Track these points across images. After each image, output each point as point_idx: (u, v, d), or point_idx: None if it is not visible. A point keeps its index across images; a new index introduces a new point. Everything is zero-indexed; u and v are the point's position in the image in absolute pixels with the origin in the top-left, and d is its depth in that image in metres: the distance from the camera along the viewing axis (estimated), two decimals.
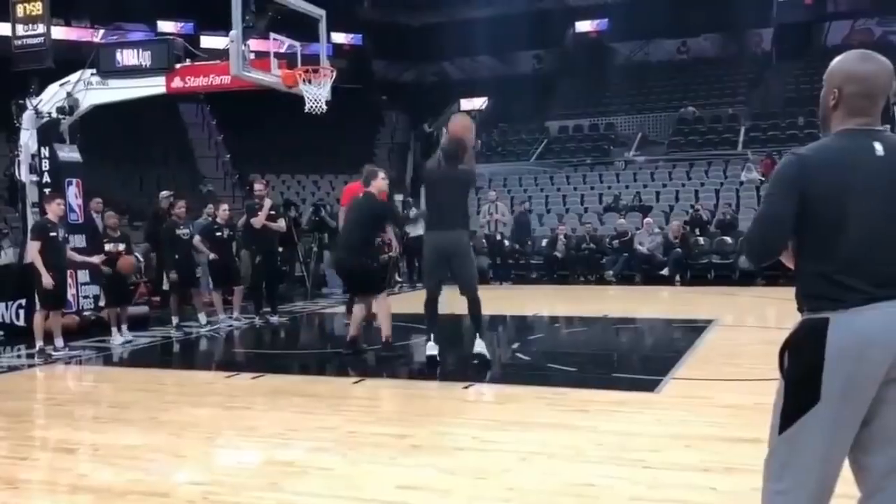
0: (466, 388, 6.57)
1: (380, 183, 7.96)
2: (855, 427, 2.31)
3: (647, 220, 16.59)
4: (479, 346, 7.25)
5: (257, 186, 11.55)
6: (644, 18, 28.68)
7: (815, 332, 2.29)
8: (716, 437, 4.88)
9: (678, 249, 15.23)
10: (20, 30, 10.99)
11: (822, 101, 2.49)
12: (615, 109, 27.35)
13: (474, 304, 7.25)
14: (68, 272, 10.20)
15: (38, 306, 8.76)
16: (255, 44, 10.13)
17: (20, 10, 10.99)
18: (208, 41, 24.75)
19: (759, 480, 2.51)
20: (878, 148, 2.35)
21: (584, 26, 31.63)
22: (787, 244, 2.43)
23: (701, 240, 15.80)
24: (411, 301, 9.67)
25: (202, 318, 10.16)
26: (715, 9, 27.86)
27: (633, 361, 8.37)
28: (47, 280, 8.33)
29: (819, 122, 2.57)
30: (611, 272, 15.66)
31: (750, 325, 10.47)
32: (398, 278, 16.10)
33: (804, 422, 2.30)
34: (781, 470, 2.36)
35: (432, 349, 7.27)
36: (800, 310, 2.41)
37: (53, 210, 8.67)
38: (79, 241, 10.44)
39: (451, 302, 8.14)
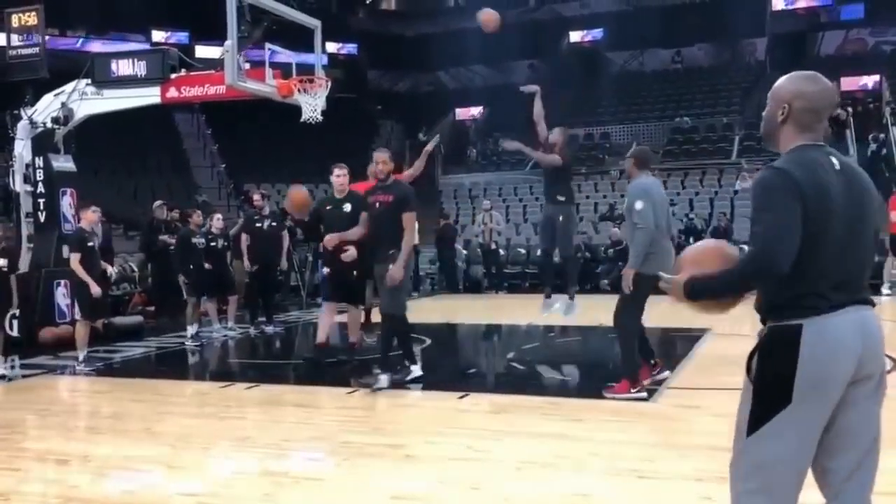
0: (461, 397, 6.57)
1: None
2: (821, 428, 2.41)
3: None
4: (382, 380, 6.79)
5: (256, 198, 11.59)
6: (638, 28, 28.80)
7: (787, 338, 2.38)
8: (710, 446, 4.86)
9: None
10: (15, 40, 11.00)
11: (769, 116, 2.59)
12: (609, 119, 27.42)
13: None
14: (65, 282, 10.22)
15: (79, 315, 8.69)
16: (250, 54, 10.15)
17: (15, 21, 11.01)
18: (203, 51, 24.79)
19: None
20: (835, 162, 2.48)
21: (578, 36, 31.74)
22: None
23: None
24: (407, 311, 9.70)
25: (191, 329, 10.11)
26: (709, 18, 28.01)
27: None
28: (96, 289, 8.29)
29: (763, 137, 2.66)
30: (606, 281, 15.66)
31: (745, 335, 10.43)
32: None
33: (775, 423, 2.38)
34: (752, 470, 2.43)
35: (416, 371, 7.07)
36: (764, 318, 2.49)
37: (88, 218, 8.63)
38: None
39: (445, 310, 8.14)
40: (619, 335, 6.38)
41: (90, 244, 8.48)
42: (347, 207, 7.73)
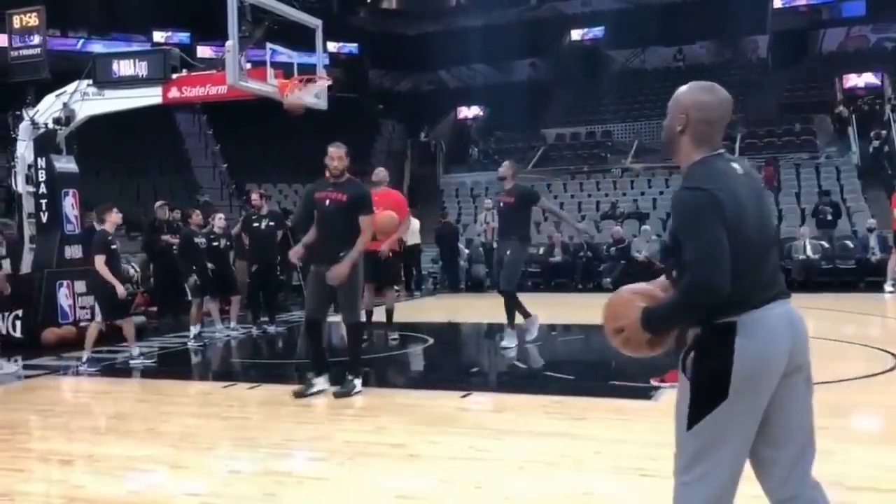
0: (464, 396, 6.57)
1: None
2: (758, 420, 2.49)
3: (644, 227, 16.61)
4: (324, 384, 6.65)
5: (254, 198, 11.57)
6: (639, 26, 28.81)
7: (722, 334, 2.46)
8: None
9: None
10: (16, 41, 11.00)
11: (669, 125, 2.64)
12: (611, 117, 27.42)
13: None
14: (67, 283, 10.24)
15: (98, 316, 8.71)
16: (251, 53, 10.14)
17: (16, 22, 11.01)
18: (204, 51, 24.82)
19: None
20: (737, 167, 2.58)
21: (579, 34, 31.73)
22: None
23: None
24: (409, 310, 9.72)
25: (194, 329, 10.13)
26: (711, 16, 28.01)
27: (630, 369, 8.34)
28: (122, 290, 8.36)
29: (663, 147, 2.75)
30: (608, 279, 15.66)
31: None
32: (395, 287, 16.12)
33: (713, 417, 2.45)
34: (690, 463, 2.51)
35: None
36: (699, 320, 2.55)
37: (112, 220, 8.65)
38: (75, 251, 10.44)
39: (447, 309, 8.12)
40: None
41: (113, 246, 8.54)
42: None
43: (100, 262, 8.33)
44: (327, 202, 6.59)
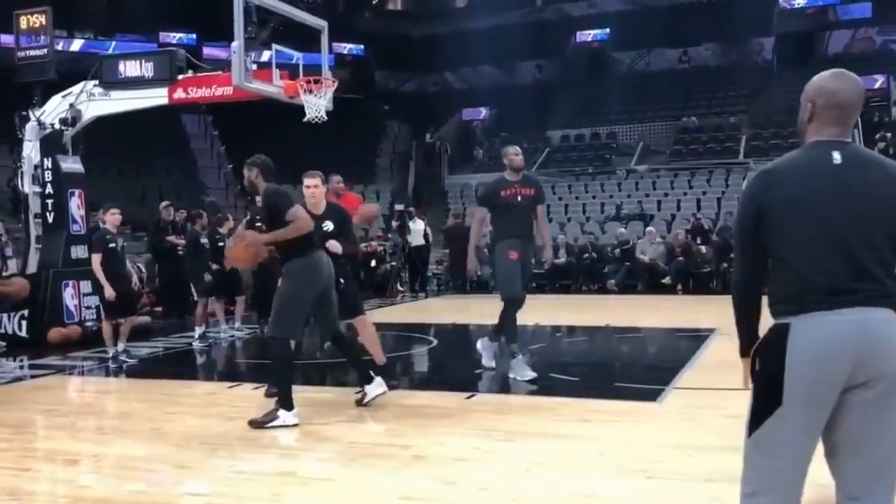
0: (469, 398, 6.56)
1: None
2: (817, 431, 2.36)
3: (649, 229, 16.60)
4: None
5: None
6: (645, 28, 28.77)
7: (777, 337, 2.36)
8: (719, 446, 4.85)
9: (680, 258, 15.23)
10: (23, 41, 11.04)
11: (799, 116, 2.58)
12: (616, 119, 27.41)
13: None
14: (73, 282, 10.27)
15: (104, 315, 8.76)
16: (256, 54, 10.16)
17: (23, 22, 11.05)
18: (210, 52, 24.85)
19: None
20: (836, 157, 2.40)
21: (584, 36, 31.71)
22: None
23: (703, 248, 15.80)
24: (415, 311, 9.72)
25: (199, 329, 10.15)
26: (716, 18, 27.97)
27: (635, 371, 8.35)
28: (109, 292, 8.37)
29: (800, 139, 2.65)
30: (613, 281, 15.65)
31: None
32: (399, 288, 16.12)
33: (769, 425, 2.36)
34: (751, 472, 2.43)
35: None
36: (772, 315, 2.47)
37: (111, 220, 8.70)
38: (81, 251, 10.47)
39: (453, 310, 8.10)
40: None
41: (112, 245, 8.56)
42: (329, 226, 6.71)
43: (95, 260, 8.38)
44: (519, 198, 7.17)
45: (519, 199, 7.22)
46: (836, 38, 28.49)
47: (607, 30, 31.02)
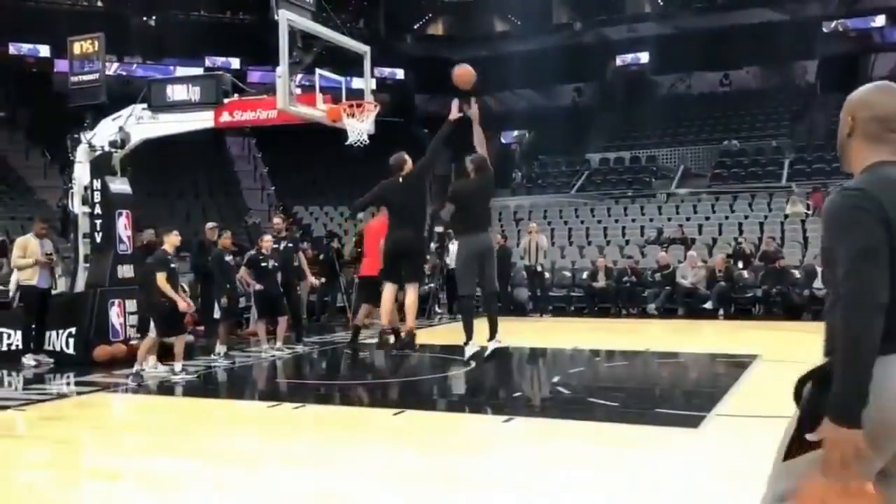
0: (506, 421, 6.56)
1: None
2: (867, 477, 2.13)
3: (690, 253, 16.44)
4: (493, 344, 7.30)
5: (276, 221, 11.97)
6: (685, 51, 28.67)
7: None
8: (760, 474, 4.78)
9: (722, 283, 15.06)
10: (76, 67, 11.37)
11: (839, 132, 2.35)
12: (656, 142, 27.27)
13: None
14: (119, 301, 10.50)
15: (152, 332, 8.99)
16: (300, 78, 10.34)
17: (77, 48, 11.37)
18: (254, 76, 25.35)
19: None
20: None
21: (624, 59, 31.68)
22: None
23: (745, 273, 15.60)
24: (452, 333, 9.68)
25: (220, 349, 10.32)
26: (758, 41, 27.76)
27: (675, 397, 8.26)
28: (183, 304, 8.72)
29: (840, 159, 2.41)
30: (653, 305, 15.51)
31: (795, 361, 10.25)
32: (437, 310, 16.16)
33: (812, 456, 2.15)
34: (778, 498, 2.29)
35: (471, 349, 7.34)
36: (829, 350, 2.19)
37: (171, 241, 9.03)
38: (127, 270, 10.69)
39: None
40: None
41: (172, 265, 8.88)
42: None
43: (161, 278, 8.61)
44: None
45: None
46: (882, 61, 28.06)
47: (647, 53, 30.97)
